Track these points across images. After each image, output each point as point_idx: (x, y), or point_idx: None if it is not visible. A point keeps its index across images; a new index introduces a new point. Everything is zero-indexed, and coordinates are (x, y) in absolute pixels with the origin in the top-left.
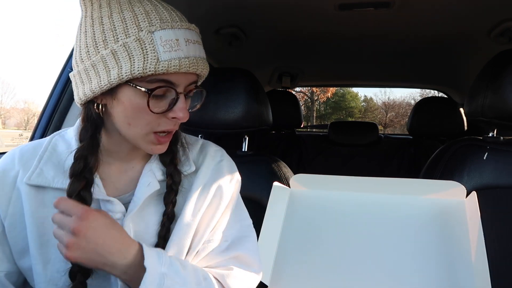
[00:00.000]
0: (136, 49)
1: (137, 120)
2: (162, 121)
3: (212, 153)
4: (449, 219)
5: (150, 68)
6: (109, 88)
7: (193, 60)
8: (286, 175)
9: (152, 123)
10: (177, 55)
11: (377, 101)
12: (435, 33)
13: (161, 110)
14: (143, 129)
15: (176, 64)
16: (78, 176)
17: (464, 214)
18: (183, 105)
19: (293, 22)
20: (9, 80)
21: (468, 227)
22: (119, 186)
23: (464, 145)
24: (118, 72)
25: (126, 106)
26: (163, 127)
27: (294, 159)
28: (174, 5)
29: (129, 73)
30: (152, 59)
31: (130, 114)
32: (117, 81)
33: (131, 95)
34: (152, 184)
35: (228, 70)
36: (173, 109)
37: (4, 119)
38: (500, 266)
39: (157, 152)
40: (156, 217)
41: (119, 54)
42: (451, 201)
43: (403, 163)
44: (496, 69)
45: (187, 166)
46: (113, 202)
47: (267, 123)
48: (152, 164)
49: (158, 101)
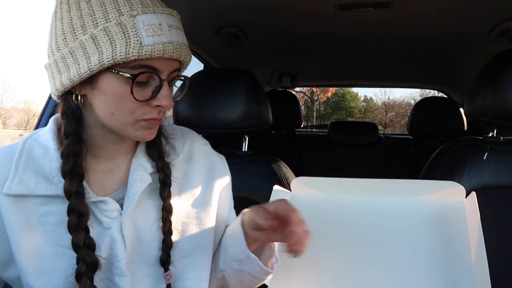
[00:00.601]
0: (117, 34)
1: (120, 109)
2: (147, 109)
3: (197, 138)
4: (448, 220)
5: (133, 53)
6: (89, 76)
7: (177, 46)
8: (286, 175)
9: (136, 112)
10: (160, 39)
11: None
12: (435, 33)
13: (144, 98)
14: (128, 118)
15: (160, 49)
16: (71, 174)
17: (464, 215)
18: (167, 92)
19: (293, 22)
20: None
21: (467, 227)
22: (106, 185)
23: (464, 145)
24: (99, 58)
25: (108, 94)
26: (147, 115)
27: (294, 159)
28: (174, 5)
29: (111, 58)
30: (135, 44)
31: (112, 104)
32: (98, 67)
33: (113, 83)
34: (145, 177)
35: (228, 70)
36: (157, 97)
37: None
38: (500, 266)
39: (147, 138)
40: (153, 212)
41: (100, 39)
42: (451, 201)
43: (403, 163)
44: (496, 69)
45: (173, 155)
46: (107, 201)
47: (267, 123)
48: (139, 158)
49: (141, 88)
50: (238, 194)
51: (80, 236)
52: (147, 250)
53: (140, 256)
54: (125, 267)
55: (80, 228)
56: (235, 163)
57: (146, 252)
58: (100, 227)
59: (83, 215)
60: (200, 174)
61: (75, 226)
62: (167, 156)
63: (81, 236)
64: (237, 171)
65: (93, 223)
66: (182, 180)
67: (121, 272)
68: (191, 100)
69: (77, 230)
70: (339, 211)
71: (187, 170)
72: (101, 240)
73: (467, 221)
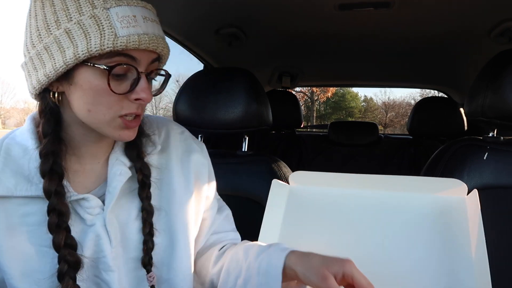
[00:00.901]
0: (91, 26)
1: (98, 104)
2: (125, 104)
3: (173, 126)
4: (449, 216)
5: (108, 44)
6: (65, 71)
7: (153, 37)
8: (286, 175)
9: (114, 107)
10: (135, 31)
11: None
12: (435, 33)
13: (122, 91)
14: (106, 114)
15: (135, 39)
16: (51, 173)
17: (465, 212)
18: (146, 85)
19: (293, 22)
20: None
21: (469, 224)
22: (88, 184)
23: (464, 145)
24: (74, 51)
25: (85, 89)
26: (126, 110)
27: (294, 159)
28: (174, 5)
29: (86, 51)
30: (109, 35)
31: (90, 99)
32: (73, 61)
33: (89, 77)
34: (124, 171)
35: (228, 70)
36: (135, 89)
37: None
38: (501, 265)
39: (126, 139)
40: (135, 207)
41: (74, 33)
42: (452, 198)
43: (403, 163)
44: (496, 69)
45: (151, 147)
46: (88, 198)
47: (267, 123)
48: (117, 153)
49: (119, 82)
50: (238, 194)
51: (61, 236)
52: (131, 244)
53: (125, 251)
54: (112, 262)
55: (61, 228)
56: (235, 163)
57: (130, 246)
58: (83, 225)
59: (64, 214)
60: (176, 162)
61: (56, 226)
62: (146, 153)
63: (62, 236)
64: (237, 171)
65: (76, 222)
66: (160, 174)
67: (108, 267)
68: (191, 100)
69: (58, 230)
70: (338, 205)
71: (164, 160)
72: (85, 237)
73: (468, 218)
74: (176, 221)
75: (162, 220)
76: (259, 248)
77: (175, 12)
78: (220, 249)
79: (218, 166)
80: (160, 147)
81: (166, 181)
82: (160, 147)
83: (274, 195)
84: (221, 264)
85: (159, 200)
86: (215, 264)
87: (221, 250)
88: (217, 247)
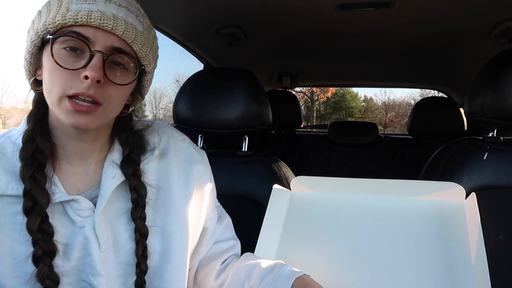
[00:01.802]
0: (54, 4)
1: (51, 83)
2: (75, 83)
3: (174, 133)
4: (448, 220)
5: (58, 18)
6: (35, 50)
7: (110, 16)
8: (286, 175)
9: (64, 85)
10: (89, 7)
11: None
12: (435, 33)
13: (72, 67)
14: (57, 92)
15: (83, 14)
16: (29, 159)
17: (464, 216)
18: (97, 63)
19: (293, 22)
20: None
21: (467, 228)
22: (79, 187)
23: (464, 145)
24: (36, 28)
25: (45, 70)
26: (75, 89)
27: (294, 159)
28: (174, 5)
29: (42, 26)
30: (63, 10)
31: (47, 78)
32: (35, 37)
33: (48, 55)
34: (118, 175)
35: (228, 70)
36: (86, 67)
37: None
38: (501, 266)
39: (76, 125)
40: (126, 214)
41: (43, 12)
42: (451, 202)
43: (403, 163)
44: (496, 69)
45: (149, 152)
46: (79, 200)
47: (267, 123)
48: (113, 156)
49: (72, 59)
50: (238, 194)
51: (35, 220)
52: (122, 249)
53: (116, 255)
54: (100, 266)
55: (35, 212)
56: (235, 163)
57: (122, 251)
58: (73, 227)
59: (38, 199)
60: (177, 170)
61: (30, 209)
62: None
63: (35, 220)
64: (237, 171)
65: (65, 223)
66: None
67: (96, 272)
68: (191, 100)
69: (32, 214)
70: (338, 211)
71: (164, 167)
72: (74, 240)
73: (467, 221)
74: (172, 228)
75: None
76: (262, 270)
77: (175, 12)
78: (223, 263)
79: (218, 166)
80: (158, 152)
81: (164, 188)
82: (159, 152)
83: (275, 200)
84: (222, 279)
85: (156, 207)
86: (216, 278)
87: (223, 264)
88: (219, 260)
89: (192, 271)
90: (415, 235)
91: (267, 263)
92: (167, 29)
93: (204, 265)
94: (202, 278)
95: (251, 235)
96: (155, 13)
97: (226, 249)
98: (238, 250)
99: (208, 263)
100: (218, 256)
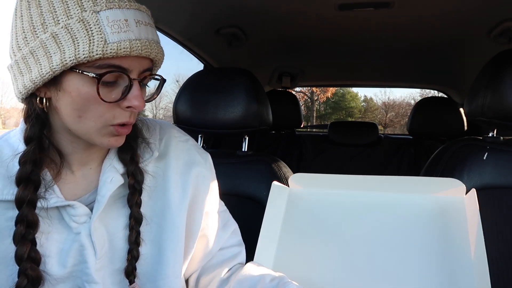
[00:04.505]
0: (80, 31)
1: (88, 112)
2: (117, 112)
3: (176, 133)
4: (448, 216)
5: (98, 51)
6: (52, 77)
7: (146, 43)
8: (286, 175)
9: (105, 115)
10: (127, 36)
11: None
12: (435, 33)
13: (113, 99)
14: (97, 122)
15: (126, 46)
16: (26, 182)
17: (464, 212)
18: (138, 92)
19: (293, 22)
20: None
21: (467, 224)
22: (77, 191)
23: (464, 145)
24: (61, 58)
25: (73, 97)
26: (118, 119)
27: (294, 159)
28: (174, 5)
29: (74, 57)
30: (99, 41)
31: (79, 106)
32: (60, 67)
33: (78, 84)
34: (115, 179)
35: (228, 70)
36: (127, 97)
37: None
38: (500, 265)
39: (115, 146)
40: (124, 220)
41: (61, 38)
42: (451, 198)
43: (403, 163)
44: (495, 69)
45: (148, 154)
46: (75, 205)
47: (267, 123)
48: (111, 159)
49: (110, 89)
50: (238, 194)
51: (25, 248)
52: (117, 255)
53: (112, 262)
54: (95, 274)
55: (26, 240)
56: (235, 163)
57: (117, 258)
58: (68, 233)
59: (32, 225)
60: (175, 173)
61: (22, 236)
62: (141, 159)
63: (26, 248)
64: (237, 171)
65: (60, 229)
66: (155, 183)
67: (91, 279)
68: (191, 100)
69: (23, 241)
70: (337, 207)
71: (162, 169)
72: (69, 246)
73: (467, 217)
74: (166, 233)
75: (151, 230)
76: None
77: (175, 12)
78: (227, 272)
79: (218, 166)
80: (157, 154)
81: (161, 190)
82: (158, 154)
83: (274, 197)
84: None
85: (151, 209)
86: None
87: (227, 273)
88: (222, 269)
89: (193, 278)
90: (415, 231)
91: (270, 277)
92: (167, 29)
93: (207, 272)
94: (204, 286)
95: (251, 235)
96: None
97: (230, 257)
98: (243, 258)
99: (212, 271)
100: (222, 264)
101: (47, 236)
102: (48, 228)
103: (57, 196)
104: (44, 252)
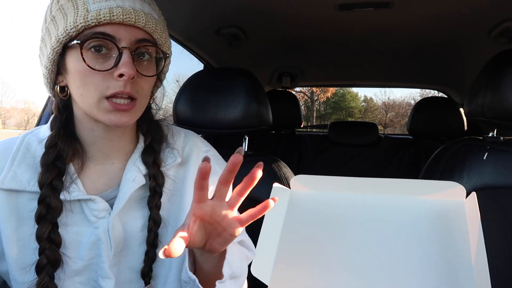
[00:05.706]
0: (69, 8)
1: (85, 87)
2: (111, 83)
3: (198, 143)
4: (449, 219)
5: (80, 21)
6: (55, 57)
7: (130, 11)
8: (286, 175)
9: (100, 87)
10: (107, 4)
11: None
12: (435, 33)
13: (105, 67)
14: (93, 95)
15: (106, 12)
16: (50, 166)
17: (464, 215)
18: (128, 59)
19: (293, 22)
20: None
21: (468, 228)
22: (99, 186)
23: (464, 145)
24: (56, 35)
25: (74, 74)
26: (112, 89)
27: (294, 159)
28: (175, 5)
29: (63, 31)
30: (82, 12)
31: (79, 83)
32: (57, 44)
33: (74, 60)
34: (138, 178)
35: (228, 70)
36: (118, 66)
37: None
38: (501, 266)
39: (119, 124)
40: (142, 220)
41: (57, 17)
42: (451, 201)
43: (403, 163)
44: (495, 69)
45: (171, 159)
46: (96, 200)
47: (267, 123)
48: (135, 159)
49: (101, 60)
50: None
51: (45, 228)
52: (134, 254)
53: (127, 259)
54: (109, 269)
55: (47, 221)
56: None
57: (132, 256)
58: (88, 226)
59: (53, 208)
60: (193, 180)
61: (42, 217)
62: (164, 163)
63: (45, 228)
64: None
65: (81, 222)
66: (174, 187)
67: (105, 274)
68: (191, 100)
69: (44, 222)
70: (338, 210)
71: (181, 175)
72: (87, 239)
73: (467, 221)
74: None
75: (167, 233)
76: None
77: (175, 12)
78: None
79: None
80: (180, 160)
81: (179, 195)
82: (181, 160)
83: None
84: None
85: (168, 212)
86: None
87: None
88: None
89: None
90: (415, 234)
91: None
92: (167, 28)
93: None
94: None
95: (251, 236)
96: None
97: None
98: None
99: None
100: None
101: (67, 228)
102: (68, 220)
103: (79, 190)
104: (63, 244)
